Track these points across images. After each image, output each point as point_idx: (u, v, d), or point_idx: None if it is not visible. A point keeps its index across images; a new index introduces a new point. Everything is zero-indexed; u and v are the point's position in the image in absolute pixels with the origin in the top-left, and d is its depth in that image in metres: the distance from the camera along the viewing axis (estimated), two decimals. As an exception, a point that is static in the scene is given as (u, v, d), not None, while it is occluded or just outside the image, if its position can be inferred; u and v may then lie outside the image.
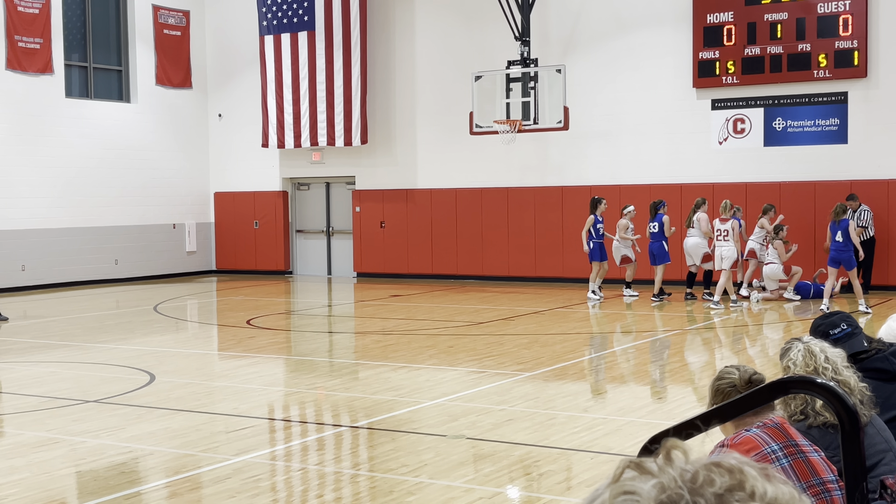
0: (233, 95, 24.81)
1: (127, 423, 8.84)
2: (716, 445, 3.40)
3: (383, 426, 8.59)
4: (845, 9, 18.37)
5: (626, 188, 20.08)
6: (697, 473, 1.04)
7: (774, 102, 19.16)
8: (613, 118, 20.45)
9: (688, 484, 1.03)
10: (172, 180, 24.30)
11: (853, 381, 3.85)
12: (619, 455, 7.41)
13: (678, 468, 1.05)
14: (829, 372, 3.82)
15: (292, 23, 23.22)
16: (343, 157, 23.59)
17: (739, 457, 1.08)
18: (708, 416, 2.64)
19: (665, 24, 19.94)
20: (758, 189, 19.16)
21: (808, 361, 3.85)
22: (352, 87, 22.74)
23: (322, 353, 13.30)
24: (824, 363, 3.85)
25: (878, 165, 18.34)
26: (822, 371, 3.81)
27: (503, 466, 7.23)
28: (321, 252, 24.57)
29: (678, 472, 1.05)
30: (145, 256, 23.69)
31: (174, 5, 24.21)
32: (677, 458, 1.07)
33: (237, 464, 7.36)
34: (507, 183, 21.57)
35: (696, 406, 9.11)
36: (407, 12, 22.60)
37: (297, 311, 18.70)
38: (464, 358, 12.16)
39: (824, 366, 3.84)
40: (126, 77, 23.56)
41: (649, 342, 13.82)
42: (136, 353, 12.92)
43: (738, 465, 1.05)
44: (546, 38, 20.77)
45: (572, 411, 9.09)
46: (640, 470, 1.06)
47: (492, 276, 21.74)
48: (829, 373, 3.82)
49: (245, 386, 10.61)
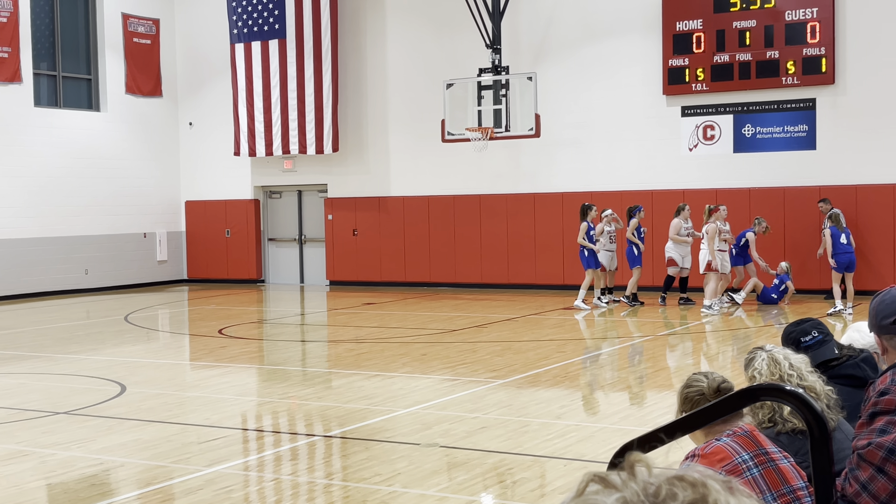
0: (204, 104, 24.71)
1: (97, 434, 8.77)
2: (686, 455, 3.41)
3: (356, 435, 8.57)
4: (813, 16, 18.55)
5: (598, 195, 20.15)
6: (660, 488, 1.05)
7: (743, 109, 19.31)
8: (584, 125, 20.54)
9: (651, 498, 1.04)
10: (143, 189, 24.16)
11: (819, 386, 3.89)
12: (593, 462, 7.43)
13: (641, 482, 1.06)
14: (794, 378, 3.86)
15: (263, 31, 23.17)
16: (315, 165, 23.54)
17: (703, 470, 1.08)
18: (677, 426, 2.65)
19: (635, 31, 20.05)
20: (728, 195, 19.28)
21: (773, 370, 3.89)
22: (323, 95, 22.71)
23: (295, 363, 13.25)
24: (789, 370, 3.88)
25: (845, 171, 18.51)
26: (787, 378, 3.85)
27: (477, 474, 7.23)
28: (293, 260, 24.50)
29: (641, 486, 1.05)
30: (115, 266, 23.53)
31: (144, 13, 24.10)
32: (641, 472, 1.07)
33: (209, 475, 7.32)
34: (480, 190, 21.60)
35: (668, 412, 9.15)
36: (378, 20, 22.61)
37: (269, 320, 18.63)
38: (437, 366, 12.16)
39: (789, 373, 3.88)
40: (95, 86, 23.41)
41: (622, 348, 13.87)
42: (107, 363, 12.82)
43: (701, 478, 1.06)
44: (517, 45, 20.84)
45: (545, 418, 9.11)
46: (603, 484, 1.07)
47: (464, 284, 21.75)
48: (795, 379, 3.85)
49: (217, 396, 10.56)
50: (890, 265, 18.26)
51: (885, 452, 3.22)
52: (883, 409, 3.30)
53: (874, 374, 4.65)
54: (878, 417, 3.31)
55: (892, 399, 3.29)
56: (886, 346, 3.63)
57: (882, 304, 3.63)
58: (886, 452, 3.22)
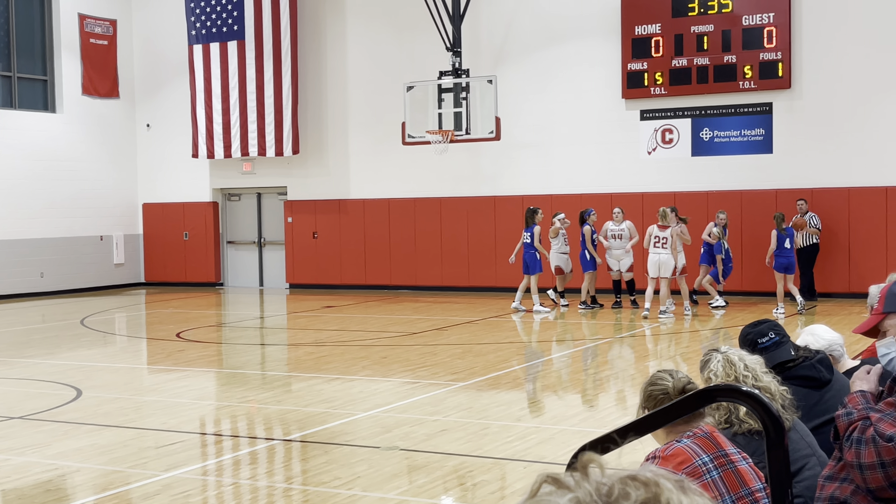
0: (161, 105, 24.52)
1: (53, 439, 8.66)
2: (647, 456, 3.43)
3: (316, 439, 8.53)
4: (770, 21, 18.75)
5: (558, 198, 20.23)
6: (613, 487, 1.05)
7: (701, 113, 19.47)
8: (545, 129, 20.61)
9: (603, 498, 1.04)
10: (100, 191, 23.91)
11: (773, 387, 3.93)
12: (553, 464, 7.45)
13: (594, 482, 1.06)
14: (749, 379, 3.89)
15: (222, 32, 23.03)
16: (274, 168, 23.43)
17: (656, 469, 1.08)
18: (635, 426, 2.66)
19: (594, 35, 20.16)
20: (686, 198, 19.43)
21: (729, 371, 3.92)
22: (283, 97, 22.61)
23: (254, 366, 13.17)
24: (744, 371, 3.92)
25: (801, 175, 18.72)
26: (742, 379, 3.88)
27: (437, 477, 7.22)
28: (253, 263, 24.36)
29: (594, 486, 1.05)
30: (72, 269, 23.27)
31: (101, 14, 23.86)
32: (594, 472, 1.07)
33: (167, 479, 7.26)
34: (440, 193, 21.61)
35: (627, 414, 9.20)
36: (338, 22, 22.55)
37: (228, 323, 18.51)
38: (397, 369, 12.14)
39: (744, 374, 3.91)
40: (51, 87, 23.15)
41: (581, 350, 13.93)
42: (63, 367, 12.67)
43: (653, 478, 1.06)
44: (477, 48, 20.88)
45: (506, 420, 9.12)
46: (557, 485, 1.07)
47: (425, 287, 21.74)
48: (750, 380, 3.89)
49: (175, 400, 10.47)
50: (845, 267, 18.49)
51: None
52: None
53: (830, 375, 4.70)
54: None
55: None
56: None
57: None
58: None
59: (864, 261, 18.24)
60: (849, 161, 18.40)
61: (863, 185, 18.35)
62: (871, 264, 17.86)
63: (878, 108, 18.13)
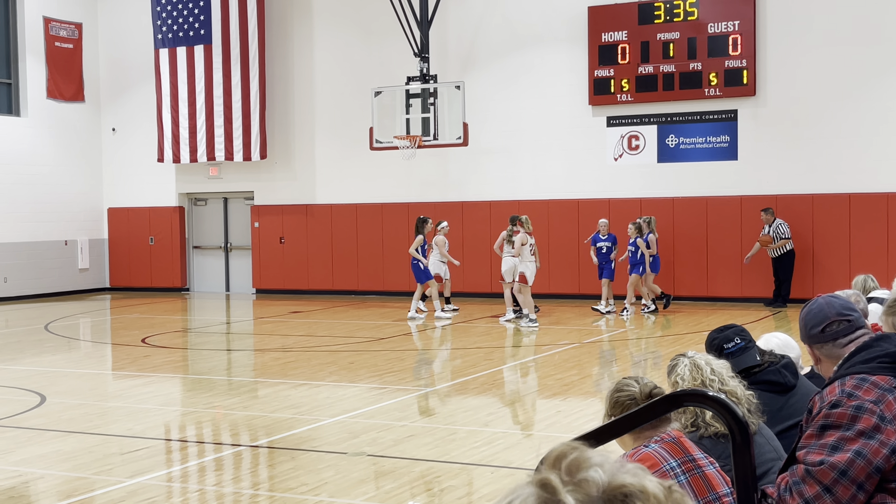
0: (127, 109, 24.35)
1: (16, 446, 8.57)
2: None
3: (283, 445, 8.50)
4: (735, 29, 18.92)
5: (525, 203, 20.29)
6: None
7: (667, 120, 19.61)
8: (512, 134, 20.67)
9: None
10: (64, 196, 23.69)
11: (740, 391, 3.96)
12: (520, 469, 7.47)
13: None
14: (715, 384, 3.93)
15: (188, 36, 22.91)
16: (241, 172, 23.33)
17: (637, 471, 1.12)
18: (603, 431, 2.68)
19: (561, 42, 20.24)
20: (652, 204, 19.55)
21: (696, 375, 3.95)
22: (250, 102, 22.53)
23: (220, 372, 13.10)
24: (710, 375, 3.96)
25: (766, 181, 18.89)
26: (709, 383, 3.92)
27: (404, 482, 7.22)
28: (219, 268, 24.22)
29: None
30: (36, 274, 23.03)
31: (66, 17, 23.66)
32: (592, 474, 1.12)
33: (132, 486, 7.20)
34: (408, 198, 21.60)
35: (592, 419, 9.23)
36: (305, 27, 22.50)
37: (194, 328, 18.40)
38: (364, 374, 12.12)
39: (711, 378, 3.95)
40: (16, 90, 22.93)
41: (547, 356, 13.96)
42: (26, 373, 12.54)
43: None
44: (445, 54, 20.91)
45: (473, 426, 9.13)
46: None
47: (393, 292, 21.71)
48: (717, 384, 3.92)
49: (140, 406, 10.39)
50: (809, 273, 18.66)
51: (837, 473, 3.18)
52: (834, 423, 3.23)
53: (795, 379, 4.75)
54: (828, 431, 3.24)
55: (844, 413, 3.22)
56: (819, 355, 3.65)
57: (809, 315, 3.68)
58: (838, 474, 3.17)
59: (828, 267, 18.42)
60: (813, 168, 18.59)
61: (826, 192, 18.54)
62: (836, 270, 18.05)
63: (841, 115, 18.34)
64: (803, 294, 18.53)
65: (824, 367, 3.61)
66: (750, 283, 19.05)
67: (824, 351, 3.63)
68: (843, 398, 3.25)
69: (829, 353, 3.60)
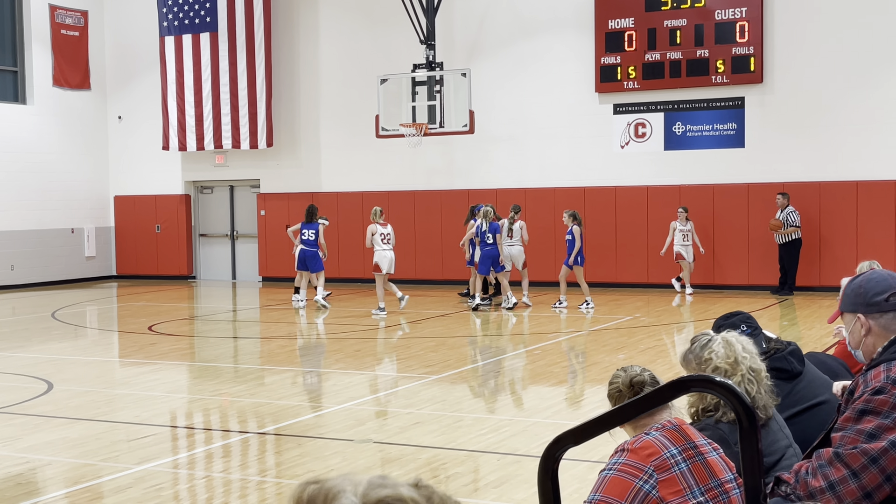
0: (133, 97, 24.34)
1: (24, 433, 8.60)
2: (616, 449, 3.43)
3: (289, 432, 8.51)
4: (742, 16, 18.84)
5: (531, 191, 20.27)
6: None
7: (674, 107, 19.55)
8: (518, 122, 20.63)
9: None
10: (71, 184, 23.72)
11: (763, 371, 3.96)
12: (526, 456, 7.47)
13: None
14: (747, 360, 3.91)
15: (194, 24, 22.88)
16: (247, 160, 23.33)
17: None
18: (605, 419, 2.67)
19: (568, 29, 20.19)
20: (658, 192, 19.52)
21: (729, 353, 3.93)
22: (256, 90, 22.51)
23: (226, 359, 13.12)
24: (742, 353, 3.93)
25: (773, 169, 18.84)
26: (741, 360, 3.90)
27: (410, 469, 7.22)
28: (225, 256, 24.25)
29: None
30: (43, 262, 23.07)
31: (72, 5, 23.64)
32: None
33: (139, 472, 7.22)
34: (414, 186, 21.58)
35: (599, 405, 9.23)
36: (311, 14, 22.46)
37: (200, 316, 18.43)
38: (371, 362, 12.13)
39: (743, 355, 3.92)
40: (22, 78, 22.93)
41: (552, 344, 13.96)
42: (34, 361, 12.57)
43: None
44: (451, 41, 20.86)
45: (479, 413, 9.14)
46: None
47: (399, 279, 21.68)
48: (748, 361, 3.91)
49: (147, 393, 10.42)
50: (816, 261, 18.62)
51: (868, 460, 3.14)
52: (874, 409, 3.17)
53: (801, 366, 4.74)
54: (867, 417, 3.17)
55: (886, 400, 3.15)
56: (872, 325, 3.40)
57: (871, 282, 3.44)
58: (869, 460, 3.14)
59: (836, 254, 18.38)
60: (820, 155, 18.53)
61: (834, 180, 18.48)
62: (843, 257, 18.00)
63: (849, 102, 18.27)
64: (809, 282, 18.51)
65: (872, 340, 3.40)
66: (756, 271, 19.02)
67: (882, 321, 3.39)
68: (887, 384, 3.17)
69: (887, 325, 3.36)
